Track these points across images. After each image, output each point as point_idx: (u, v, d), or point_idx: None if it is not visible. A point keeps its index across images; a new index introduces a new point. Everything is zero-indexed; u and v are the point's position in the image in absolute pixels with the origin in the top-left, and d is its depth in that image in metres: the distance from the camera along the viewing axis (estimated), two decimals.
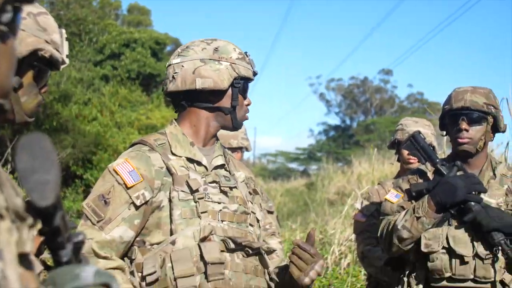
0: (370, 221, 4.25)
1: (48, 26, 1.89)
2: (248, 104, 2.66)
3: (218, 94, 2.55)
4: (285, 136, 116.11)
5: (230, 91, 2.56)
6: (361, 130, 42.04)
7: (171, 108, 10.25)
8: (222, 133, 4.41)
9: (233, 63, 2.54)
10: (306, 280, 2.44)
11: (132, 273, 2.37)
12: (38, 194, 0.91)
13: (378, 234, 3.35)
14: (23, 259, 0.97)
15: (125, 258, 2.41)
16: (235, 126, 2.63)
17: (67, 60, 2.00)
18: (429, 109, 14.84)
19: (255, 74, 2.66)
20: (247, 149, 4.61)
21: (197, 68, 2.51)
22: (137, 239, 2.41)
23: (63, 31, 2.01)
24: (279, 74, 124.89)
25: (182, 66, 2.53)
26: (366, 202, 4.48)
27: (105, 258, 2.29)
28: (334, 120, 52.58)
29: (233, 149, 4.39)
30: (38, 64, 1.86)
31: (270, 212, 3.90)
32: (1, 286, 0.87)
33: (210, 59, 2.53)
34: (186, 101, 2.60)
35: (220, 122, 2.60)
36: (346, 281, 7.90)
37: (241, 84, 2.57)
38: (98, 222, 2.32)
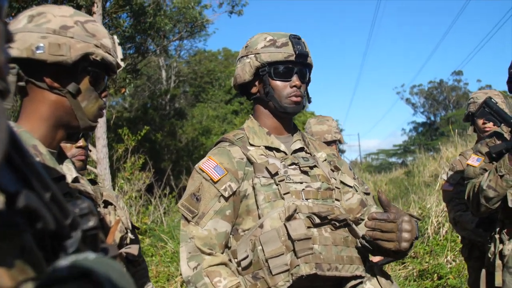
0: (457, 189, 3.78)
1: (96, 32, 1.63)
2: (295, 86, 2.14)
3: (249, 85, 2.22)
4: (383, 137, 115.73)
5: (258, 80, 2.19)
6: (444, 123, 41.38)
7: None
8: (316, 130, 4.14)
9: (257, 53, 2.14)
10: (404, 245, 1.91)
11: (229, 260, 2.05)
12: None
13: (465, 197, 2.93)
14: None
15: (227, 250, 2.09)
16: (281, 110, 2.16)
17: (122, 63, 1.72)
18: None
19: (297, 54, 2.13)
20: (340, 142, 4.20)
21: (236, 68, 2.25)
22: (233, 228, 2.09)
23: (115, 37, 1.74)
24: (371, 88, 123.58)
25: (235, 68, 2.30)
26: (451, 173, 3.97)
27: (210, 254, 2.01)
28: (421, 118, 52.70)
29: (328, 143, 4.07)
30: (92, 69, 1.61)
31: (367, 194, 3.49)
32: None
33: (242, 57, 2.22)
34: (247, 97, 2.31)
35: (271, 110, 2.21)
36: (446, 246, 7.58)
37: (268, 70, 2.13)
38: (193, 218, 2.05)
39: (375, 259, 3.84)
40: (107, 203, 2.40)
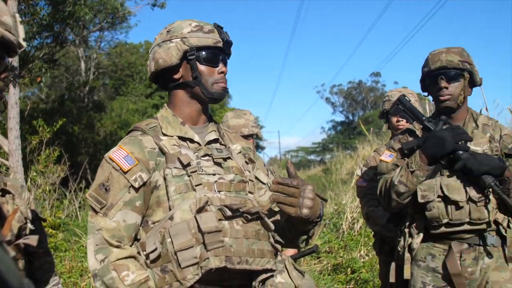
0: (371, 185, 3.84)
1: None
2: (222, 72, 2.15)
3: (173, 70, 2.13)
4: (302, 135, 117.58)
5: (186, 64, 2.12)
6: (362, 122, 42.36)
7: None
8: (233, 123, 4.10)
9: (184, 38, 2.09)
10: (305, 212, 1.94)
11: (138, 253, 1.98)
12: None
13: (378, 192, 2.98)
14: None
15: (135, 242, 2.02)
16: (208, 95, 2.13)
17: (24, 44, 1.60)
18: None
19: (224, 41, 2.13)
20: (257, 136, 4.17)
21: (154, 53, 2.14)
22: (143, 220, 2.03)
23: (17, 15, 1.64)
24: (292, 87, 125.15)
25: (149, 56, 2.20)
26: (365, 169, 4.06)
27: (118, 247, 1.94)
28: (340, 118, 53.84)
29: (245, 137, 4.02)
30: None
31: None
32: None
33: (163, 41, 2.13)
34: (161, 85, 2.23)
35: (195, 97, 2.15)
36: (360, 241, 7.80)
37: (197, 55, 2.10)
38: (101, 209, 1.97)
39: (289, 252, 3.88)
40: (4, 192, 2.27)
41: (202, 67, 2.11)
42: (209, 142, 2.16)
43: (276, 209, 2.17)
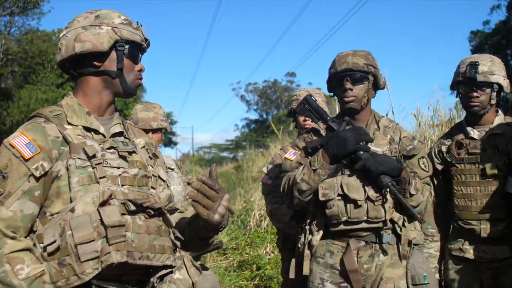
0: (276, 182, 3.87)
1: None
2: (141, 70, 2.16)
3: (99, 56, 2.07)
4: (216, 131, 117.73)
5: (114, 54, 2.08)
6: (275, 121, 42.79)
7: None
8: (142, 116, 4.03)
9: (115, 27, 2.06)
10: (216, 218, 1.99)
11: (34, 245, 1.89)
12: None
13: (281, 190, 3.03)
14: None
15: (31, 234, 1.93)
16: (126, 90, 2.12)
17: None
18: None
19: (147, 41, 2.17)
20: (166, 130, 4.13)
21: (78, 34, 2.04)
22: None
23: None
24: (208, 83, 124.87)
25: (66, 36, 2.07)
26: (271, 166, 4.09)
27: (13, 238, 1.85)
28: (254, 116, 53.81)
29: (154, 130, 3.99)
30: None
31: (189, 184, 3.48)
32: None
33: (91, 25, 2.06)
34: (73, 69, 2.12)
35: (111, 88, 2.11)
36: (266, 238, 7.88)
37: (126, 48, 2.09)
38: None
39: None
40: None
41: (126, 61, 2.09)
42: (114, 135, 2.12)
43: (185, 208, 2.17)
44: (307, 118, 3.89)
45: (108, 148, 2.04)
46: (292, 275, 3.17)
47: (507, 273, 3.16)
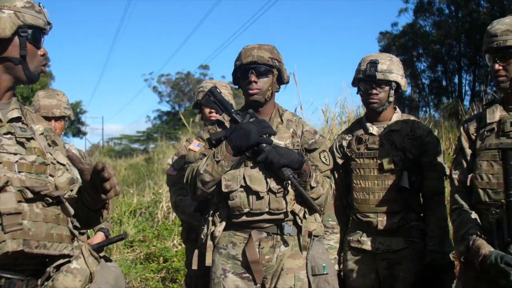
0: (180, 174, 3.86)
1: None
2: (43, 55, 2.11)
3: (1, 43, 2.00)
4: (127, 122, 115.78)
5: (16, 40, 2.01)
6: (187, 113, 42.69)
7: None
8: (45, 103, 3.88)
9: (17, 11, 1.99)
10: (118, 188, 1.95)
11: None
12: None
13: (184, 181, 3.02)
14: None
15: None
16: (29, 77, 2.07)
17: None
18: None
19: (50, 25, 2.11)
20: (69, 118, 4.00)
21: None
22: None
23: None
24: (119, 73, 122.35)
25: None
26: (176, 158, 4.07)
27: None
28: (166, 107, 53.41)
29: (56, 118, 3.84)
30: None
31: None
32: None
33: None
34: None
35: (12, 74, 2.05)
36: (174, 230, 7.87)
37: (29, 33, 2.03)
38: None
39: (96, 239, 3.79)
40: None
41: (29, 46, 2.04)
42: (11, 120, 2.06)
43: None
44: (212, 110, 3.89)
45: (5, 134, 1.98)
46: (194, 266, 3.16)
47: (401, 263, 3.30)
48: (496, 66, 2.67)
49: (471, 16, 27.44)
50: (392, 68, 3.35)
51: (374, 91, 3.36)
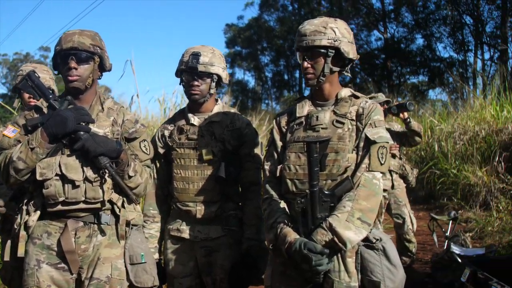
0: None
1: None
2: None
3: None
4: None
5: None
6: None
7: None
8: None
9: None
10: None
11: None
12: None
13: None
14: None
15: None
16: None
17: None
18: None
19: None
20: None
21: None
22: None
23: None
24: None
25: None
26: None
27: None
28: (3, 90, 50.11)
29: None
30: None
31: None
32: None
33: None
34: None
35: None
36: None
37: None
38: None
39: None
40: None
41: None
42: None
43: None
44: (32, 95, 3.74)
45: None
46: (7, 257, 3.05)
47: (218, 251, 3.40)
48: (305, 64, 2.83)
49: (312, 14, 28.75)
50: (214, 61, 3.42)
51: (196, 83, 3.40)
